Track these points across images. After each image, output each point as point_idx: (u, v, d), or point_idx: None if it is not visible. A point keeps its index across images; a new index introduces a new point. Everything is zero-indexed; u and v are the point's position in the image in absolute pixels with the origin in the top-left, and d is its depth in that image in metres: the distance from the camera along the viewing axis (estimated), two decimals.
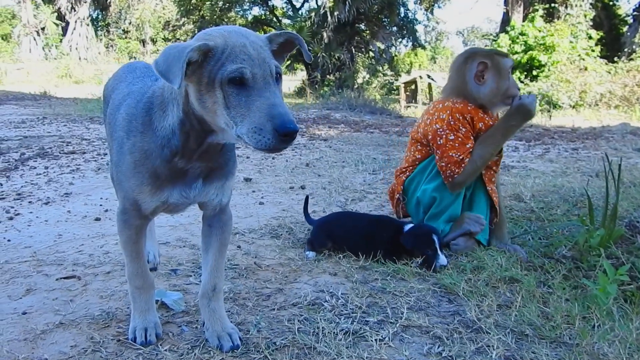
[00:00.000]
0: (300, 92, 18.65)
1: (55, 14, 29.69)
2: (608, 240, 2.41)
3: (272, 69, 1.27)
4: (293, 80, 22.10)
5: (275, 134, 1.18)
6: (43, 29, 29.27)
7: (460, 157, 2.49)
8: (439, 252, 2.30)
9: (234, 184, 1.63)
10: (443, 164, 2.53)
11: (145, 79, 1.64)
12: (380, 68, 20.76)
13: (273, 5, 22.86)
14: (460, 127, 2.51)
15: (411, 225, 2.45)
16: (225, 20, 22.41)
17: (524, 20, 17.70)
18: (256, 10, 23.51)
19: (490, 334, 1.70)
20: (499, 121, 2.57)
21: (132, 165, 1.44)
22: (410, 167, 2.74)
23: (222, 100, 1.24)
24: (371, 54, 20.58)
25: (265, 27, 23.01)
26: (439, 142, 2.55)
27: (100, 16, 35.28)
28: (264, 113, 1.20)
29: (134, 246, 1.58)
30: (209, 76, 1.24)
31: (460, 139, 2.51)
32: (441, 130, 2.53)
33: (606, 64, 16.04)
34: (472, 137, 2.54)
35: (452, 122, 2.51)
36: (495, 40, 17.83)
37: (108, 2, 32.56)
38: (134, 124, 1.45)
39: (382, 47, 20.07)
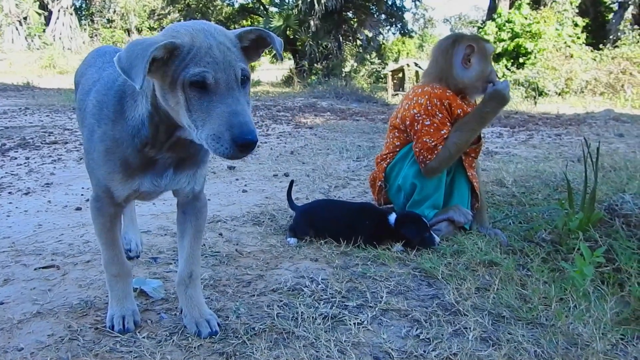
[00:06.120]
0: (287, 81, 18.55)
1: (38, 3, 29.11)
2: (587, 224, 2.43)
3: (238, 72, 1.22)
4: (280, 69, 21.95)
5: (232, 143, 1.15)
6: (25, 18, 28.68)
7: (434, 144, 2.49)
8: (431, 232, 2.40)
9: (206, 171, 1.62)
10: (417, 149, 2.54)
11: None
12: (368, 56, 20.66)
13: None
14: (437, 113, 2.51)
15: (394, 214, 2.45)
16: (212, 8, 22.18)
17: (510, 8, 17.70)
18: None
19: (467, 316, 1.72)
20: (474, 108, 2.56)
21: (104, 153, 1.42)
22: (391, 154, 2.74)
23: (184, 102, 1.21)
24: (359, 42, 20.48)
25: (252, 15, 22.81)
26: (415, 128, 2.55)
27: (84, 5, 34.70)
28: (223, 121, 1.17)
29: (108, 233, 1.56)
30: (172, 75, 1.20)
31: (435, 125, 2.51)
32: (418, 115, 2.54)
33: (592, 51, 16.13)
34: (448, 124, 2.53)
35: (429, 107, 2.51)
36: (482, 28, 17.84)
37: None
38: (105, 112, 1.42)
39: (370, 35, 19.97)
